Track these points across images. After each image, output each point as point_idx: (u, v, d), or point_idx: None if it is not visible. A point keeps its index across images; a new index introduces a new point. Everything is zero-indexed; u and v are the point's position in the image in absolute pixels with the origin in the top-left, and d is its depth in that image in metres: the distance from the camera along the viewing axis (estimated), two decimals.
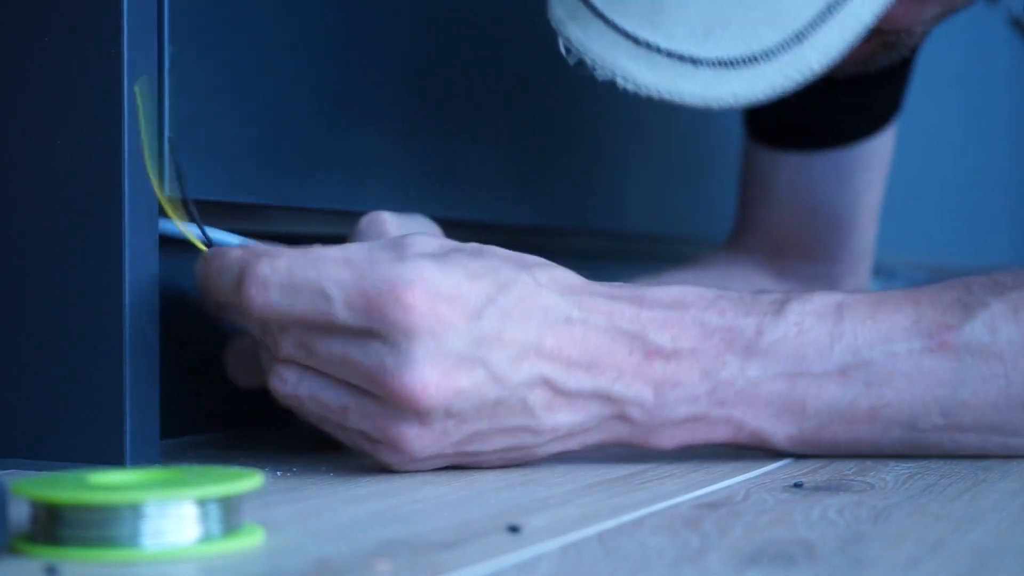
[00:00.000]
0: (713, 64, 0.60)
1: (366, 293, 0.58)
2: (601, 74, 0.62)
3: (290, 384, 0.61)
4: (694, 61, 0.60)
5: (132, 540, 0.44)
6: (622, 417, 0.63)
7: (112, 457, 0.61)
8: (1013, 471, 0.63)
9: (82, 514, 0.44)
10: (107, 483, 0.46)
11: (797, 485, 0.59)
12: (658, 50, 0.61)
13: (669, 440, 0.64)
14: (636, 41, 0.61)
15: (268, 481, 0.60)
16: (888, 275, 1.47)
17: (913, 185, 1.86)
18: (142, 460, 0.62)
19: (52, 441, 0.63)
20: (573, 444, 0.63)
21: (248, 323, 0.62)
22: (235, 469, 0.49)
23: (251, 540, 0.46)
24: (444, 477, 0.62)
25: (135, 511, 0.44)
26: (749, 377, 0.63)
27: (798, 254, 1.02)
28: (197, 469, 0.48)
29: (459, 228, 0.74)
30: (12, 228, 0.64)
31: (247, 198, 0.70)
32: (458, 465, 0.63)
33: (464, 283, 0.59)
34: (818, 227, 1.01)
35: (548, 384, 0.61)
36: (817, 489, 0.58)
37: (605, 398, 0.62)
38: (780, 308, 0.64)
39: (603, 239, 1.11)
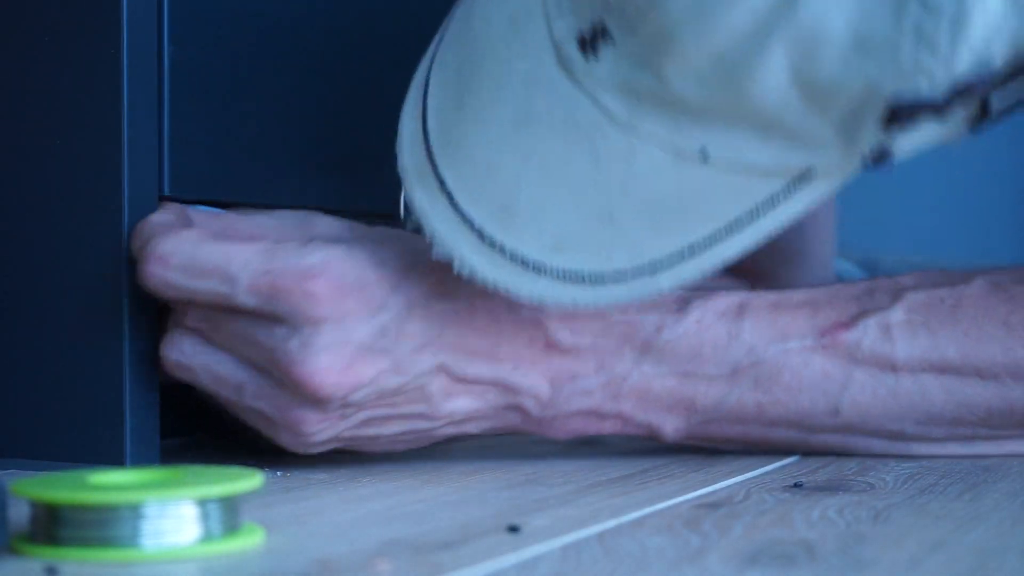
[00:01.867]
0: (558, 274, 0.58)
1: (272, 281, 0.58)
2: (438, 252, 0.59)
3: (185, 354, 0.61)
4: (538, 269, 0.58)
5: (132, 540, 0.44)
6: (517, 407, 0.63)
7: (112, 457, 0.61)
8: (1013, 471, 0.63)
9: (82, 514, 0.44)
10: (107, 483, 0.46)
11: (797, 485, 0.59)
12: (502, 250, 0.58)
13: (561, 431, 0.65)
14: (481, 235, 0.58)
15: (268, 481, 0.60)
16: (886, 273, 1.47)
17: (912, 183, 1.86)
18: (142, 460, 0.61)
19: (52, 441, 0.63)
20: (469, 428, 0.64)
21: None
22: (235, 469, 0.49)
23: (251, 540, 0.46)
24: (444, 477, 0.62)
25: (135, 511, 0.44)
26: (644, 372, 0.64)
27: (744, 279, 1.01)
28: (197, 469, 0.48)
29: None
30: (12, 228, 0.64)
31: (247, 198, 0.70)
32: (350, 449, 0.63)
33: (370, 271, 0.59)
34: (759, 252, 1.01)
35: (447, 372, 0.61)
36: (817, 489, 0.58)
37: (503, 387, 0.63)
38: (683, 306, 0.64)
39: None
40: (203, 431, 0.74)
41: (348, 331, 0.59)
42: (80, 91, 0.62)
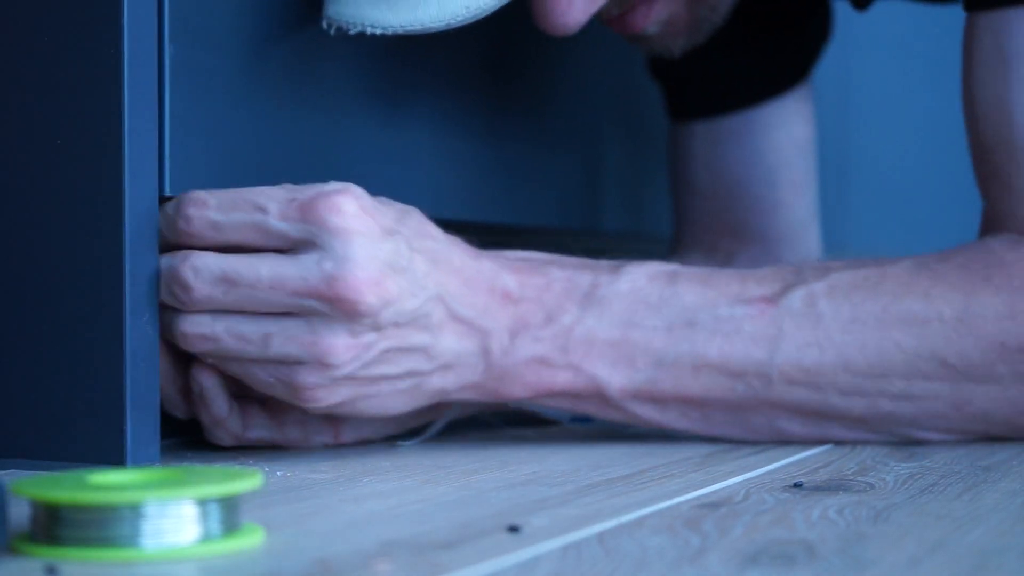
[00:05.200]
0: None
1: (301, 203, 0.62)
2: (353, 29, 0.68)
3: (204, 324, 0.63)
4: None
5: (132, 540, 0.44)
6: (485, 352, 0.67)
7: (112, 457, 0.61)
8: (1014, 471, 0.63)
9: (82, 514, 0.44)
10: (107, 483, 0.46)
11: (797, 485, 0.59)
12: None
13: (519, 384, 0.69)
14: None
15: (268, 481, 0.60)
16: None
17: (915, 185, 1.86)
18: (142, 460, 0.62)
19: (52, 441, 0.63)
20: (450, 380, 0.67)
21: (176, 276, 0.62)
22: (235, 469, 0.49)
23: (251, 540, 0.46)
24: (444, 477, 0.62)
25: (135, 511, 0.44)
26: (587, 325, 0.69)
27: (730, 238, 1.03)
28: (197, 469, 0.48)
29: (452, 228, 0.74)
30: (12, 228, 0.64)
31: None
32: (355, 402, 0.64)
33: (378, 203, 0.64)
34: (738, 208, 1.03)
35: (444, 303, 0.66)
36: (817, 489, 0.58)
37: (478, 330, 0.67)
38: (616, 268, 0.70)
39: (582, 239, 1.11)
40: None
41: (375, 247, 0.62)
42: (80, 91, 0.62)
